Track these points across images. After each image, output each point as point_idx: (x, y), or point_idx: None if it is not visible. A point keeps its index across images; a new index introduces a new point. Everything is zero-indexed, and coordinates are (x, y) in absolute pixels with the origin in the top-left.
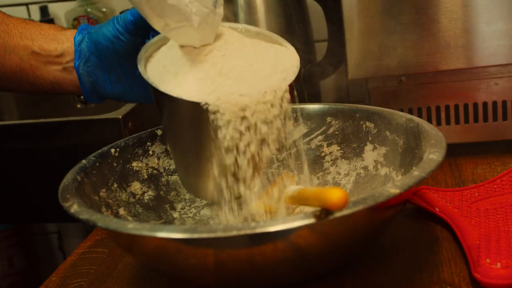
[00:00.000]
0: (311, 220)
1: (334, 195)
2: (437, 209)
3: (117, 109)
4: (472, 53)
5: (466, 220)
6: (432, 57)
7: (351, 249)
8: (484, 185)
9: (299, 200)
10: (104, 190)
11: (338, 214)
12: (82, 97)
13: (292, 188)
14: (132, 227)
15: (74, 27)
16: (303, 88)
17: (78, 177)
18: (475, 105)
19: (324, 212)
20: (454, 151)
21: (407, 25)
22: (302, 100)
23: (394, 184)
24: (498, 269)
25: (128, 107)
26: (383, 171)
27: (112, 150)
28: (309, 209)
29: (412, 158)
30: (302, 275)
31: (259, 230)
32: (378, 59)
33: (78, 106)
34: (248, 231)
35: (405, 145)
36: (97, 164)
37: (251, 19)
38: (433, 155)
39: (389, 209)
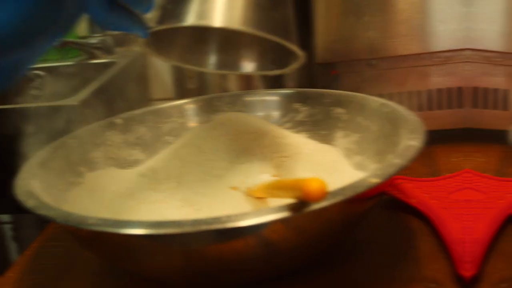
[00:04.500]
0: (285, 214)
1: (312, 185)
2: (414, 201)
3: (74, 96)
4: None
5: (446, 212)
6: (403, 40)
7: (327, 243)
8: (461, 175)
9: (272, 191)
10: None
11: (315, 207)
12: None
13: (265, 179)
14: (93, 222)
15: None
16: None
17: (34, 169)
18: (449, 91)
19: (300, 204)
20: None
21: (377, 5)
22: (265, 86)
23: (374, 173)
24: None
25: (85, 93)
26: (356, 159)
27: (70, 141)
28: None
29: (388, 145)
30: (275, 271)
31: (230, 225)
32: (347, 42)
33: (33, 92)
34: (218, 226)
35: (380, 132)
36: (54, 155)
37: None
38: (413, 142)
39: (367, 200)
